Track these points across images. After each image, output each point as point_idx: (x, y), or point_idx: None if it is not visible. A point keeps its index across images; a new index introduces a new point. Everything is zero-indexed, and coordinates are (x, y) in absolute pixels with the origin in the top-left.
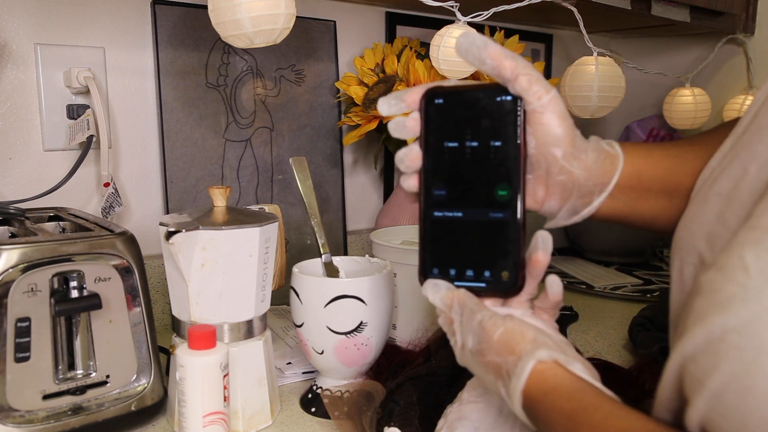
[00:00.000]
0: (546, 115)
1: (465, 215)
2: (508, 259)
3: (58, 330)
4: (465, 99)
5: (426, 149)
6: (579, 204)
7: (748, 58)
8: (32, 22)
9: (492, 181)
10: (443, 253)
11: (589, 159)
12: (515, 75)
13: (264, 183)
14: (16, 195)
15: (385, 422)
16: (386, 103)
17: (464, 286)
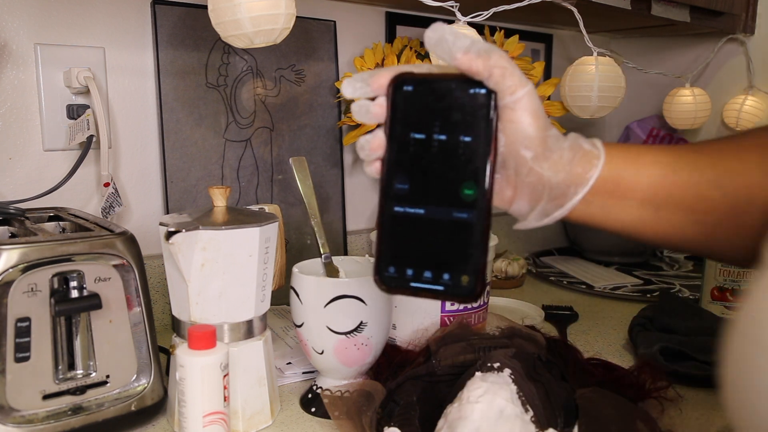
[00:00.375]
0: (518, 113)
1: (427, 213)
2: (469, 263)
3: (58, 330)
4: (436, 88)
5: (390, 138)
6: (550, 206)
7: (748, 58)
8: (32, 22)
9: (458, 179)
10: (401, 252)
11: (563, 159)
12: (489, 70)
13: (264, 183)
14: (16, 195)
15: (385, 422)
16: (350, 85)
17: (421, 288)
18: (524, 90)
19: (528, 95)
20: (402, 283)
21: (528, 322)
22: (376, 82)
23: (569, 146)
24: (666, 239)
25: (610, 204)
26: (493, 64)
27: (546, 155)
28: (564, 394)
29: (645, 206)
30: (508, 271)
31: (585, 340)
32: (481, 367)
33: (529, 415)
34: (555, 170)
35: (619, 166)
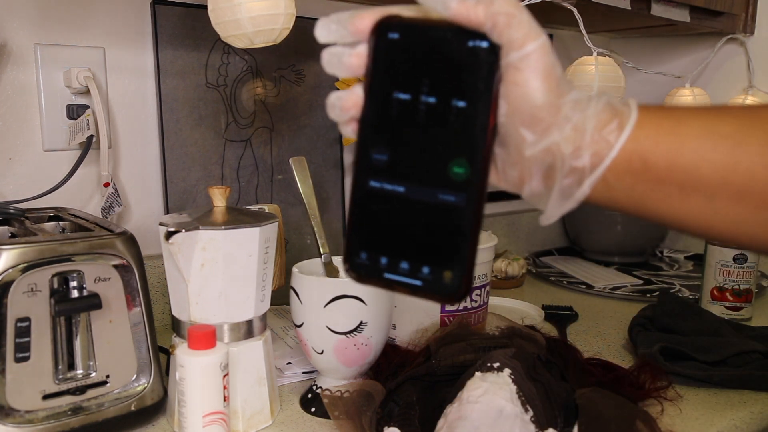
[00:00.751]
0: (524, 73)
1: (408, 191)
2: (455, 256)
3: (58, 330)
4: (428, 38)
5: (369, 97)
6: (568, 184)
7: (748, 58)
8: (32, 22)
9: (447, 153)
10: (375, 236)
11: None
12: (492, 18)
13: (264, 183)
14: (16, 195)
15: (385, 422)
16: (325, 27)
17: (396, 280)
18: (535, 43)
19: (539, 50)
20: (374, 273)
21: (528, 322)
22: (356, 25)
23: (594, 110)
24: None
25: (640, 190)
26: (497, 11)
27: (559, 124)
28: (564, 394)
29: (691, 195)
30: (508, 271)
31: (585, 340)
32: (480, 367)
33: (528, 415)
34: (569, 139)
35: (649, 137)
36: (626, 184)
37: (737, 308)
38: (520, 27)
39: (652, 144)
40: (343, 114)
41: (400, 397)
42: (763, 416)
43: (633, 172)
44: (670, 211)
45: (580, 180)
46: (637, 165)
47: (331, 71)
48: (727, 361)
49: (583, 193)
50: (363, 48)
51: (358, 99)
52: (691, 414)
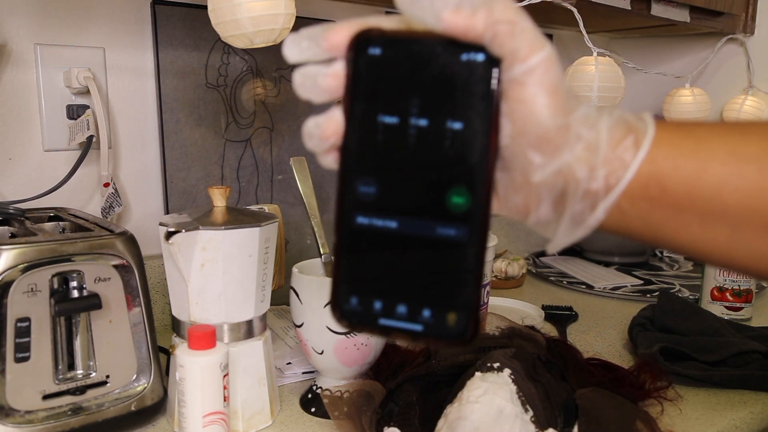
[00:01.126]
0: (529, 89)
1: (401, 227)
2: (458, 296)
3: (58, 330)
4: (415, 53)
5: (351, 121)
6: (580, 209)
7: (748, 58)
8: (32, 22)
9: (444, 182)
10: (367, 278)
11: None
12: (492, 28)
13: (264, 183)
14: (16, 195)
15: (385, 422)
16: (295, 44)
17: (393, 326)
18: (540, 55)
19: (545, 64)
20: (368, 320)
21: (528, 322)
22: (331, 40)
23: (607, 126)
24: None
25: (657, 217)
26: (498, 19)
27: (569, 143)
28: (564, 394)
29: (713, 223)
30: (508, 271)
31: (585, 340)
32: (480, 367)
33: (528, 415)
34: (582, 160)
35: (667, 159)
36: (642, 211)
37: (737, 308)
38: (524, 37)
39: (670, 166)
40: (322, 143)
41: (400, 397)
42: (763, 416)
43: (649, 197)
44: (689, 240)
45: (594, 205)
46: (654, 190)
47: (305, 96)
48: (727, 361)
49: (596, 219)
50: (340, 66)
51: (339, 125)
52: (691, 414)
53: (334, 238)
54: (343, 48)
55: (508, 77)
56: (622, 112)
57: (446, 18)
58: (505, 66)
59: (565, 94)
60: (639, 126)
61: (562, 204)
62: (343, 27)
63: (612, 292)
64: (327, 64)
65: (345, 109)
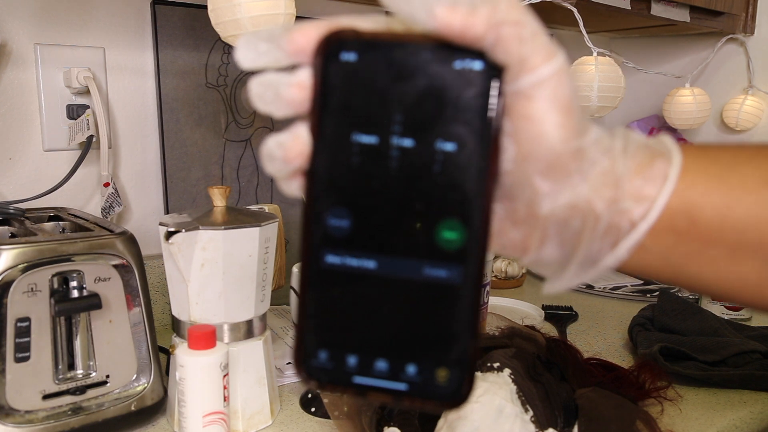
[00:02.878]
0: (538, 104)
1: (381, 267)
2: (450, 349)
3: (58, 330)
4: (398, 59)
5: (319, 141)
6: (597, 248)
7: (748, 58)
8: (32, 22)
9: (433, 214)
10: (337, 329)
11: (615, 169)
12: (495, 30)
13: (264, 183)
14: (16, 195)
15: (385, 422)
16: (250, 46)
17: (371, 386)
18: (552, 65)
19: (557, 75)
20: (340, 379)
21: (528, 322)
22: (295, 42)
23: (622, 150)
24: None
25: (681, 252)
26: (503, 19)
27: (584, 171)
28: (564, 394)
29: (744, 258)
30: (508, 271)
31: (585, 340)
32: (480, 367)
33: (528, 415)
34: (600, 190)
35: (696, 186)
36: (665, 246)
37: (737, 308)
38: (534, 42)
39: (699, 196)
40: (285, 166)
41: None
42: (763, 416)
43: (676, 231)
44: (714, 278)
45: (614, 243)
46: (681, 223)
47: (264, 109)
48: (727, 361)
49: (616, 259)
50: (306, 74)
51: (305, 145)
52: (691, 414)
53: (298, 280)
54: (309, 52)
55: (513, 89)
56: (636, 133)
57: (440, 15)
58: (509, 76)
59: (578, 113)
60: (660, 151)
61: (571, 242)
62: (311, 27)
63: (612, 291)
64: (290, 72)
65: (312, 126)
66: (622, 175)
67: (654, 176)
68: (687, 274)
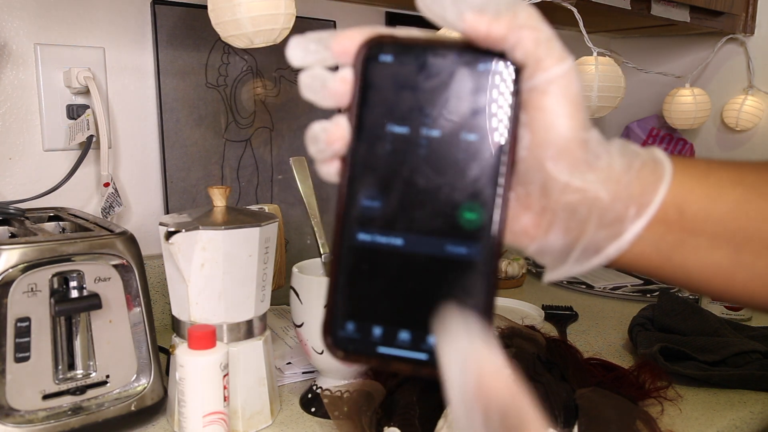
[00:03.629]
0: (551, 98)
1: (407, 245)
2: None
3: (58, 330)
4: (427, 61)
5: (357, 130)
6: (601, 237)
7: (748, 58)
8: (32, 22)
9: (456, 196)
10: (365, 301)
11: (615, 167)
12: (516, 34)
13: (264, 183)
14: (16, 195)
15: (385, 422)
16: (301, 46)
17: (394, 355)
18: (563, 66)
19: (568, 74)
20: (365, 348)
21: (528, 322)
22: (340, 45)
23: (620, 151)
24: (747, 294)
25: (669, 241)
26: (522, 24)
27: (589, 161)
28: (564, 394)
29: (720, 246)
30: (508, 271)
31: (585, 340)
32: None
33: None
34: (604, 182)
35: (683, 184)
36: (657, 235)
37: (737, 308)
38: (549, 45)
39: (687, 191)
40: (327, 149)
41: (401, 397)
42: (763, 416)
43: (667, 221)
44: (695, 265)
45: (619, 232)
46: (672, 214)
47: (310, 97)
48: (727, 361)
49: (619, 248)
50: (348, 72)
51: (344, 132)
52: (691, 414)
53: (331, 256)
54: (352, 53)
55: (529, 86)
56: (625, 141)
57: (469, 18)
58: (527, 74)
59: (584, 110)
60: (651, 156)
61: (576, 229)
62: (354, 32)
63: (612, 291)
64: (333, 70)
65: (351, 117)
66: (624, 171)
67: (650, 174)
68: (673, 261)
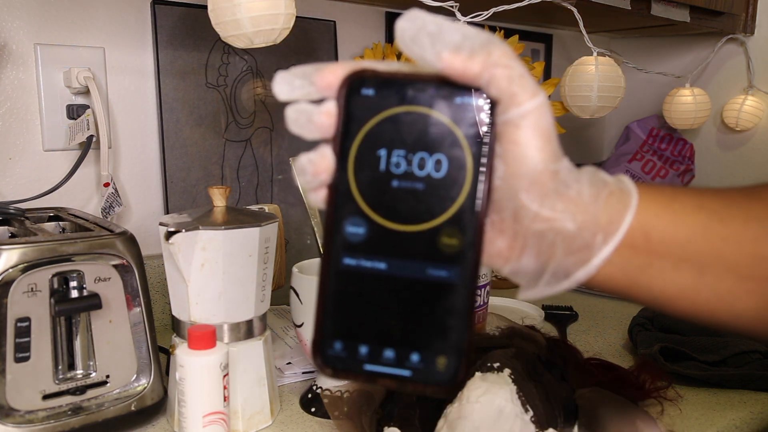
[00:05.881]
0: (523, 132)
1: (390, 269)
2: (449, 339)
3: (58, 330)
4: (407, 94)
5: (341, 160)
6: (569, 262)
7: (748, 58)
8: (32, 22)
9: (437, 222)
10: (352, 322)
11: (583, 197)
12: (489, 71)
13: (264, 183)
14: (16, 195)
15: (385, 422)
16: (287, 82)
17: (379, 372)
18: (535, 101)
19: (539, 109)
20: (352, 366)
21: (528, 322)
22: (323, 80)
23: (589, 181)
24: (710, 312)
25: (636, 265)
26: (496, 62)
27: (559, 191)
28: (564, 394)
29: (684, 268)
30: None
31: (585, 340)
32: (480, 367)
33: (528, 415)
34: (572, 212)
35: (649, 210)
36: (624, 259)
37: None
38: (521, 82)
39: (652, 216)
40: (313, 180)
41: (400, 397)
42: (763, 416)
43: (634, 246)
44: (661, 286)
45: (587, 258)
46: (639, 239)
47: (297, 131)
48: (727, 361)
49: (587, 273)
50: (331, 105)
51: (329, 162)
52: (691, 414)
53: (318, 280)
54: (335, 87)
55: (504, 119)
56: (595, 169)
57: (446, 57)
58: (501, 109)
59: (555, 141)
60: (618, 183)
61: (546, 254)
62: (337, 67)
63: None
64: (319, 103)
65: (335, 148)
66: (592, 199)
67: (617, 203)
68: (639, 283)
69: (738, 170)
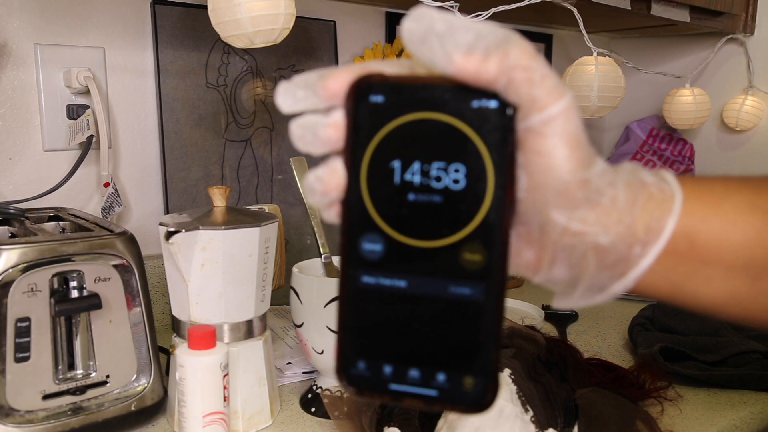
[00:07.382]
0: (548, 140)
1: (411, 286)
2: (475, 359)
3: (58, 330)
4: (421, 100)
5: (353, 174)
6: (604, 277)
7: (748, 58)
8: (32, 22)
9: (458, 238)
10: (375, 341)
11: (619, 204)
12: (507, 74)
13: (264, 183)
14: (16, 195)
15: (385, 422)
16: (289, 94)
17: (405, 392)
18: (560, 104)
19: (566, 113)
20: (377, 385)
21: (528, 322)
22: (328, 90)
23: (625, 183)
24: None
25: (680, 272)
26: (514, 64)
27: (591, 200)
28: (564, 394)
29: (735, 275)
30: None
31: (585, 340)
32: None
33: (528, 415)
34: (605, 223)
35: (695, 215)
36: (667, 267)
37: None
38: (543, 83)
39: (698, 221)
40: (324, 198)
41: None
42: (763, 416)
43: (677, 253)
44: (709, 294)
45: (623, 272)
46: (683, 246)
47: (304, 149)
48: (727, 361)
49: (624, 287)
50: (339, 116)
51: (342, 178)
52: (691, 414)
53: (338, 298)
54: (341, 95)
55: (525, 126)
56: (636, 166)
57: (457, 61)
58: (521, 115)
59: (585, 146)
60: (660, 183)
61: (579, 266)
62: (342, 73)
63: None
64: (325, 114)
65: (346, 161)
66: (628, 206)
67: (657, 208)
68: (684, 291)
69: (738, 170)
